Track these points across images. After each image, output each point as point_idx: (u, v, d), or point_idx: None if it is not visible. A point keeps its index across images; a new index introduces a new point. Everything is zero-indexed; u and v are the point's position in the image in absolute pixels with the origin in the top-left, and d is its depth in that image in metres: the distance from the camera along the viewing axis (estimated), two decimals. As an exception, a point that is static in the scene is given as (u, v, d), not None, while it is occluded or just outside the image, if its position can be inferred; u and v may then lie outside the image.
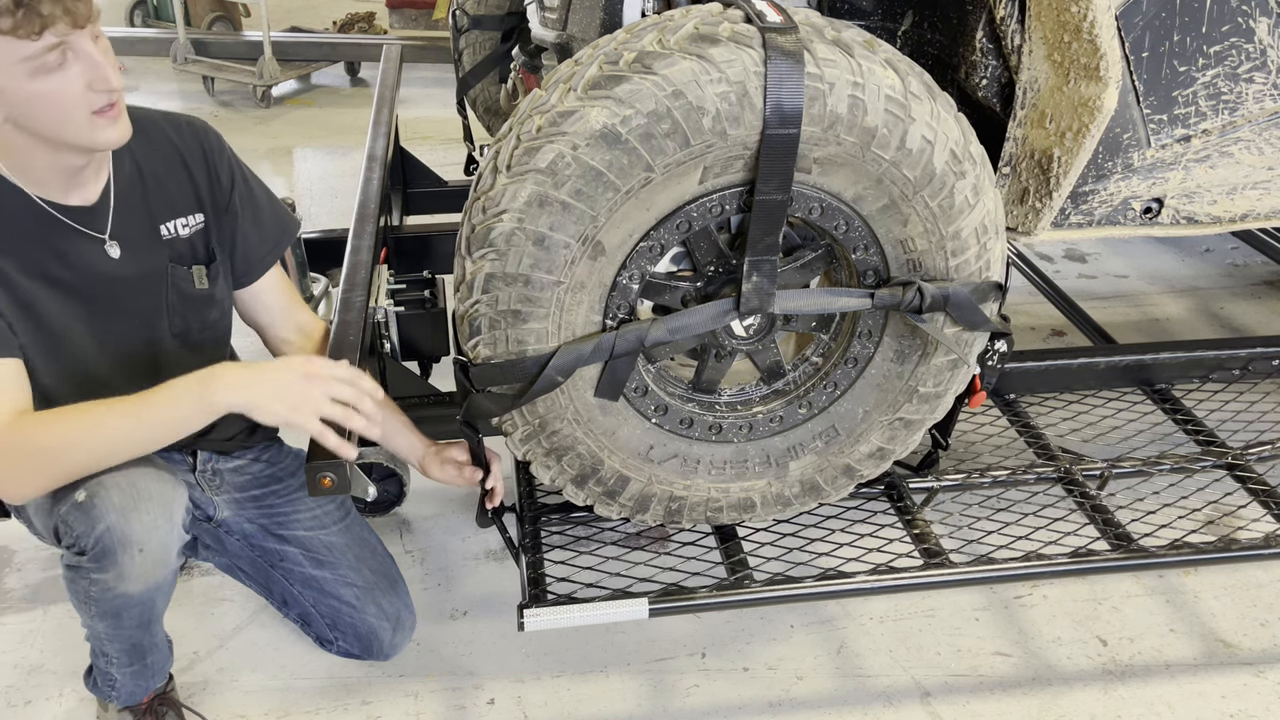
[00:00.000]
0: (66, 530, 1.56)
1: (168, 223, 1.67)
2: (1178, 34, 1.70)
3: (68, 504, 1.54)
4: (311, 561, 1.90)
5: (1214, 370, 2.32)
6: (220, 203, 1.72)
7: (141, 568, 1.55)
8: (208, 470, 1.87)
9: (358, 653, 1.95)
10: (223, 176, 1.72)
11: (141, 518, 1.52)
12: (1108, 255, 3.86)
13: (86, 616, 1.68)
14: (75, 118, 1.44)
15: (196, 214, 1.70)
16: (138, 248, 1.63)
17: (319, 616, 1.94)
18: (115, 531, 1.51)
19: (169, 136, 1.67)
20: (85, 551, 1.54)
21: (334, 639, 1.95)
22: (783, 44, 1.40)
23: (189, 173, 1.68)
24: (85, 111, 1.44)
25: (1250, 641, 2.16)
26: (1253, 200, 1.91)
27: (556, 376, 1.55)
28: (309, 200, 4.30)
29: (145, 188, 1.64)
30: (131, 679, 1.80)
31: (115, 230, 1.61)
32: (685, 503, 1.78)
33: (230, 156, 1.74)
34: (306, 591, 1.92)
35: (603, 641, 2.13)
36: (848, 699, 2.01)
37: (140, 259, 1.64)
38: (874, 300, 1.61)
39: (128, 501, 1.51)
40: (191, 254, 1.70)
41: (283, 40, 5.72)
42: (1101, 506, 1.99)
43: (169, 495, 1.56)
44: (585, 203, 1.44)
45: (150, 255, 1.65)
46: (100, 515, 1.50)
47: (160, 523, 1.54)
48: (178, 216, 1.68)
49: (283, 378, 1.46)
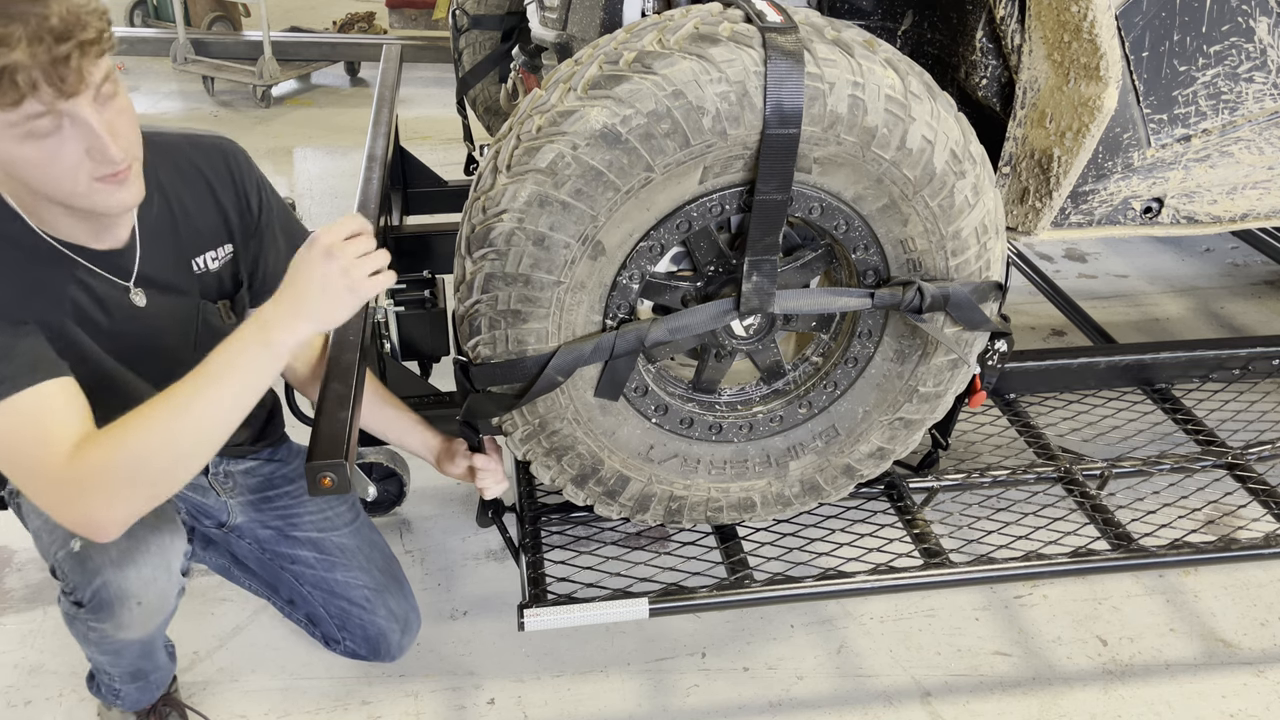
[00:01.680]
0: (63, 577, 1.53)
1: (198, 257, 1.60)
2: (1178, 33, 1.70)
3: (63, 549, 1.50)
4: (324, 564, 1.89)
5: (1214, 370, 2.32)
6: (249, 227, 1.66)
7: (140, 618, 1.53)
8: (220, 473, 1.86)
9: (365, 654, 1.94)
10: (252, 201, 1.65)
11: (140, 571, 1.49)
12: (1108, 255, 3.86)
13: (87, 649, 1.67)
14: (75, 183, 1.31)
15: (226, 245, 1.63)
16: (168, 287, 1.56)
17: (328, 617, 1.93)
18: (112, 586, 1.48)
19: (196, 164, 1.59)
20: (82, 604, 1.51)
21: (341, 639, 1.94)
22: (783, 44, 1.40)
23: (217, 202, 1.61)
24: (86, 178, 1.31)
25: (1250, 641, 2.16)
26: (1253, 200, 1.91)
27: (556, 376, 1.55)
28: (309, 200, 4.30)
29: (175, 222, 1.55)
30: (136, 691, 1.81)
31: (143, 273, 1.52)
32: (685, 502, 1.78)
33: (258, 176, 1.67)
34: (316, 593, 1.91)
35: (603, 641, 2.13)
36: (848, 699, 2.01)
37: (171, 299, 1.57)
38: (874, 300, 1.61)
39: (124, 555, 1.48)
40: (219, 286, 1.64)
41: (283, 40, 5.72)
42: (1101, 506, 1.99)
43: (166, 545, 1.53)
44: (585, 202, 1.44)
45: (181, 293, 1.59)
46: (96, 569, 1.47)
47: (159, 575, 1.52)
48: (207, 250, 1.61)
49: (316, 278, 1.33)
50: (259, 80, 5.39)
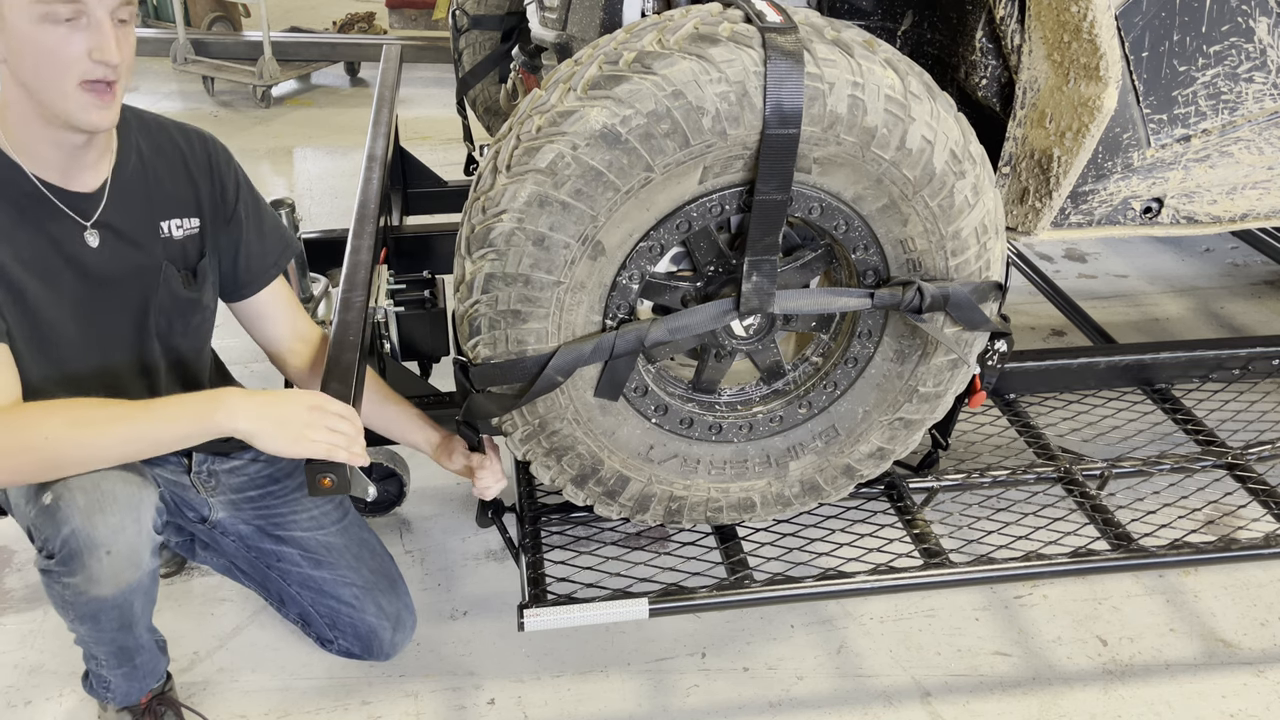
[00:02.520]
0: (36, 533, 1.55)
1: (165, 221, 1.66)
2: (1177, 34, 1.70)
3: (36, 506, 1.53)
4: (309, 562, 1.90)
5: (1214, 370, 2.32)
6: (223, 213, 1.72)
7: (110, 570, 1.54)
8: (203, 471, 1.87)
9: (358, 652, 1.95)
10: (228, 187, 1.72)
11: (107, 519, 1.50)
12: (1108, 255, 3.86)
13: (67, 620, 1.67)
14: (65, 83, 1.41)
15: (193, 218, 1.69)
16: (130, 242, 1.62)
17: (318, 616, 1.93)
18: (80, 534, 1.49)
19: (176, 141, 1.68)
20: (54, 555, 1.53)
21: (334, 638, 1.95)
22: (782, 44, 1.40)
23: (191, 177, 1.68)
24: (76, 79, 1.41)
25: (1250, 641, 2.16)
26: (1252, 200, 1.91)
27: (556, 376, 1.55)
28: (309, 200, 4.30)
29: (148, 183, 1.63)
30: (124, 680, 1.80)
31: (105, 220, 1.59)
32: (685, 503, 1.78)
33: (237, 170, 1.75)
34: (304, 592, 1.92)
35: (603, 641, 2.13)
36: (848, 699, 2.01)
37: (131, 254, 1.63)
38: (874, 300, 1.61)
39: (93, 504, 1.49)
40: (183, 256, 1.70)
41: (283, 40, 5.72)
42: (1101, 506, 1.99)
43: (136, 496, 1.54)
44: (585, 203, 1.44)
45: (144, 251, 1.64)
46: (65, 518, 1.49)
47: (127, 524, 1.53)
48: (174, 217, 1.67)
49: (287, 410, 1.47)
50: (259, 80, 5.39)
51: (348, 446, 1.48)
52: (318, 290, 2.58)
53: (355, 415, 1.53)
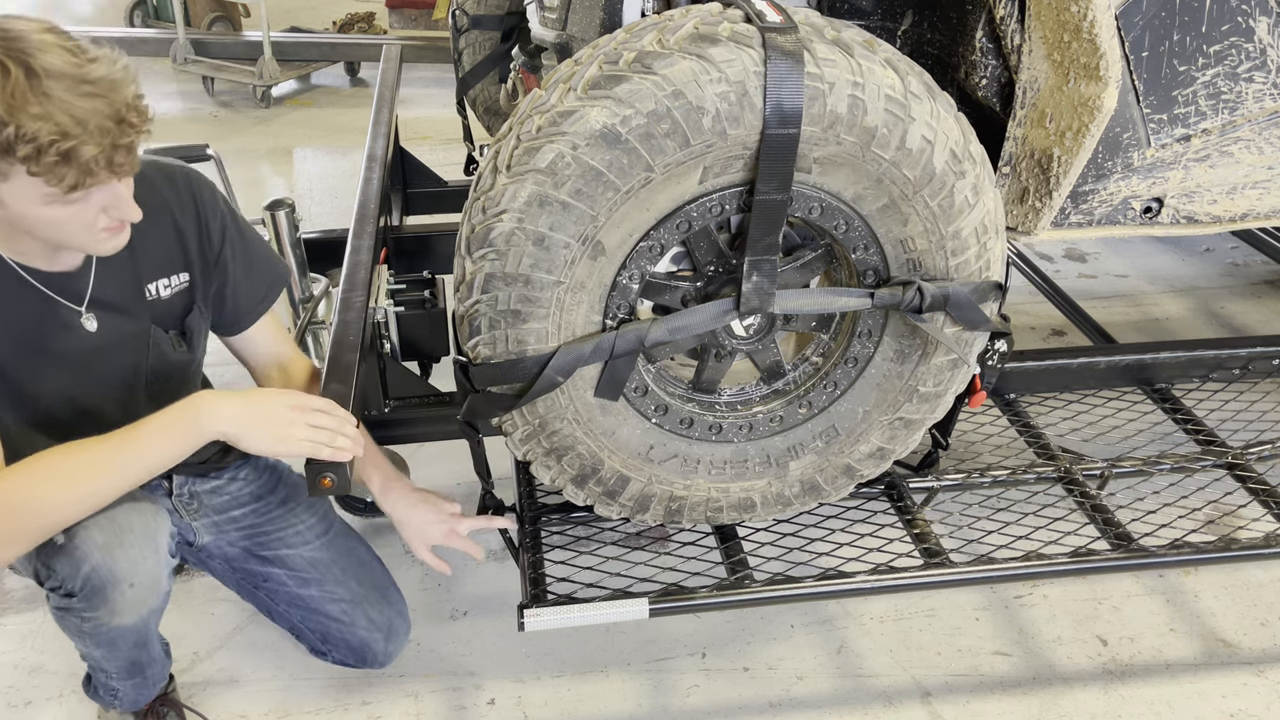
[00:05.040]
0: (49, 573, 1.54)
1: (152, 283, 1.61)
2: (1177, 33, 1.70)
3: (47, 546, 1.51)
4: (296, 581, 1.87)
5: (1214, 370, 2.32)
6: (209, 258, 1.67)
7: (134, 600, 1.54)
8: (184, 494, 1.83)
9: (353, 663, 1.93)
10: (214, 232, 1.66)
11: (127, 553, 1.50)
12: (1108, 255, 3.86)
13: (82, 646, 1.67)
14: (79, 236, 1.39)
15: (182, 274, 1.65)
16: (119, 312, 1.58)
17: (309, 632, 1.91)
18: (102, 571, 1.49)
19: (160, 193, 1.60)
20: (74, 594, 1.52)
21: (327, 651, 1.93)
22: (782, 44, 1.40)
23: (178, 231, 1.62)
24: (92, 232, 1.39)
25: (1250, 641, 2.16)
26: (1253, 199, 1.91)
27: (556, 376, 1.54)
28: (309, 200, 4.30)
29: (132, 247, 1.54)
30: (134, 689, 1.80)
31: (95, 298, 1.55)
32: (685, 503, 1.78)
33: (224, 209, 1.69)
34: (293, 610, 1.90)
35: (603, 641, 2.13)
36: (848, 699, 2.02)
37: (121, 324, 1.59)
38: (874, 300, 1.61)
39: (111, 540, 1.49)
40: (171, 315, 1.66)
41: (282, 40, 5.72)
42: (1101, 506, 1.99)
43: (151, 526, 1.54)
44: (585, 202, 1.44)
45: (132, 318, 1.60)
46: (84, 556, 1.48)
47: (146, 554, 1.52)
48: (162, 276, 1.62)
49: (267, 406, 1.46)
50: (259, 80, 5.39)
51: (330, 442, 1.46)
52: (318, 290, 2.58)
53: (336, 408, 1.51)
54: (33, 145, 1.24)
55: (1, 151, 1.25)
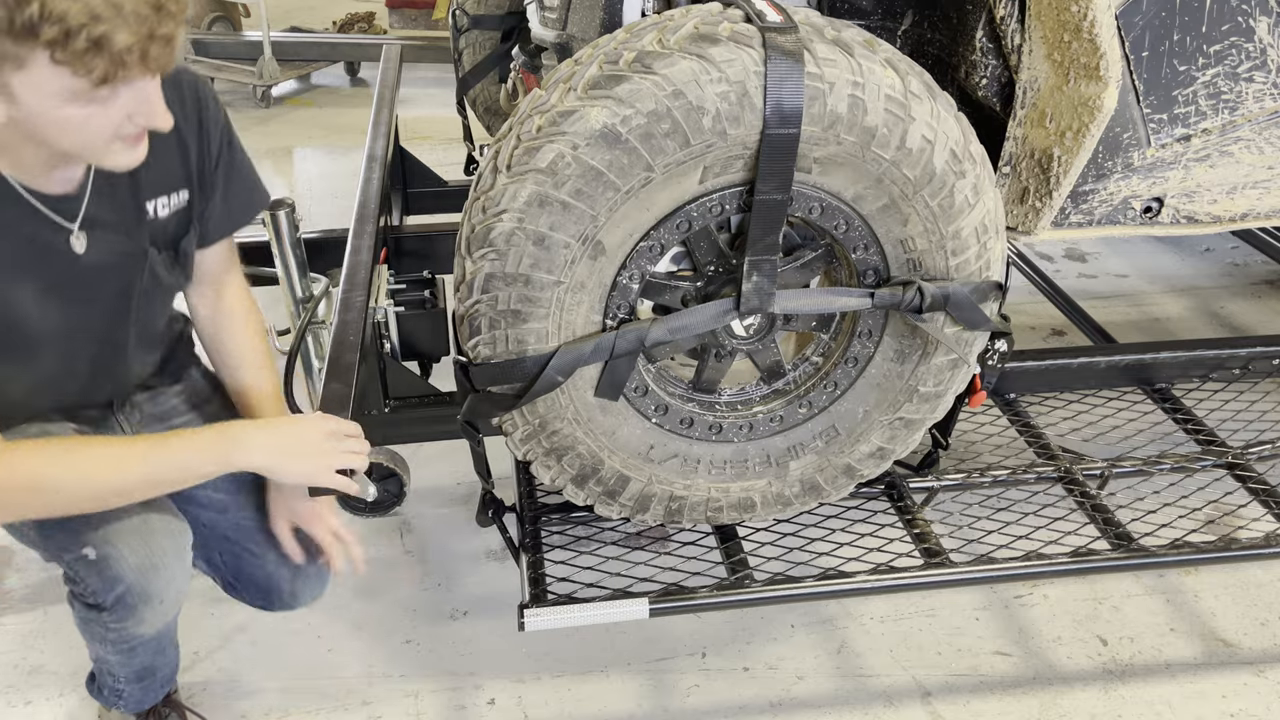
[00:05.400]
0: (76, 580, 1.53)
1: (153, 201, 1.49)
2: (1178, 33, 1.70)
3: (75, 555, 1.49)
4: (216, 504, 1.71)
5: (1214, 370, 2.32)
6: (206, 175, 1.55)
7: (162, 614, 1.55)
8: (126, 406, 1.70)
9: (261, 603, 1.77)
10: (213, 147, 1.54)
11: (160, 574, 1.50)
12: (1108, 255, 3.86)
13: (99, 648, 1.67)
14: (96, 142, 1.25)
15: (182, 191, 1.52)
16: (116, 231, 1.45)
17: (223, 564, 1.76)
18: (136, 591, 1.48)
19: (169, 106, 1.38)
20: (104, 608, 1.51)
21: (238, 587, 1.78)
22: (783, 44, 1.40)
23: (182, 143, 1.49)
24: (111, 138, 1.25)
25: (1250, 641, 2.16)
26: (1253, 199, 1.90)
27: (556, 376, 1.55)
28: (309, 200, 4.30)
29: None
30: (141, 691, 1.80)
31: (88, 219, 1.41)
32: (685, 502, 1.78)
33: (224, 123, 1.56)
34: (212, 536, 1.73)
35: (603, 641, 2.13)
36: (848, 699, 2.01)
37: (117, 243, 1.46)
38: (874, 300, 1.61)
39: (144, 562, 1.48)
40: (166, 236, 1.54)
41: (283, 40, 5.72)
42: (1102, 506, 1.99)
43: (179, 543, 1.54)
44: (585, 202, 1.44)
45: (130, 238, 1.48)
46: (119, 576, 1.47)
47: (177, 574, 1.53)
48: (163, 194, 1.50)
49: (305, 439, 1.43)
50: (259, 80, 5.39)
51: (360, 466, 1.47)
52: (318, 290, 2.58)
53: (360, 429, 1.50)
54: (60, 27, 1.08)
55: (22, 34, 1.09)
